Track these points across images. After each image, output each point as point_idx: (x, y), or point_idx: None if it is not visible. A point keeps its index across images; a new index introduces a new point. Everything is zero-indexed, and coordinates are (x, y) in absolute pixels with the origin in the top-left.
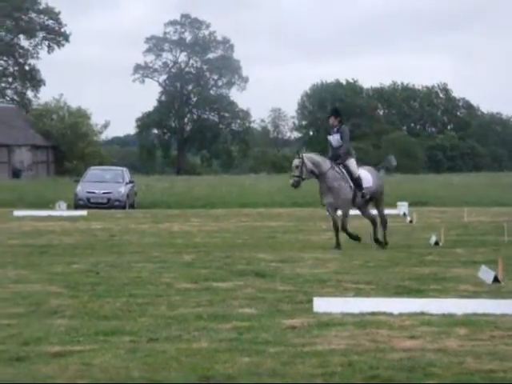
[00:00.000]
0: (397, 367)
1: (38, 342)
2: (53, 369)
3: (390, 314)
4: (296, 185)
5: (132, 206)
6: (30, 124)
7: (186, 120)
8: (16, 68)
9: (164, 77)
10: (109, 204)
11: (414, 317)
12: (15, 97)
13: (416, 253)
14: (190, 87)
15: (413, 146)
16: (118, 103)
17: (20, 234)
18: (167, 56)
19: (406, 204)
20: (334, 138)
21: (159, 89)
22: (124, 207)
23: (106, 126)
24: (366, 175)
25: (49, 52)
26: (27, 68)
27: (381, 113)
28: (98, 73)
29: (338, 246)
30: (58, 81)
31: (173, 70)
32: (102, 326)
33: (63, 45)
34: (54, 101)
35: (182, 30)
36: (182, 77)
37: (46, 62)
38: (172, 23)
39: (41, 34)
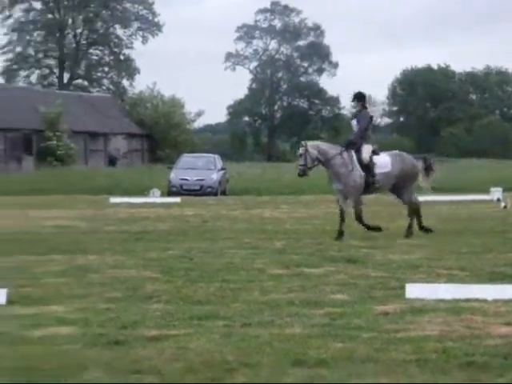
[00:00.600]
0: (492, 353)
1: (135, 326)
2: (150, 352)
3: (485, 301)
4: (301, 173)
5: (224, 193)
6: (125, 113)
7: (276, 107)
8: (111, 57)
9: (254, 64)
10: (201, 191)
11: (510, 303)
12: (111, 86)
13: (511, 238)
14: (280, 74)
15: (506, 131)
16: (210, 91)
17: (116, 220)
18: (258, 43)
19: (500, 189)
20: (354, 123)
21: (250, 76)
22: (216, 194)
23: (199, 114)
24: (385, 160)
25: (143, 42)
26: (122, 57)
27: (473, 97)
28: (191, 61)
29: (339, 235)
30: (151, 70)
31: (263, 58)
32: (197, 311)
33: (157, 34)
34: (148, 90)
35: (272, 17)
36: (273, 64)
37: (140, 51)
38: (262, 11)
39: (135, 24)
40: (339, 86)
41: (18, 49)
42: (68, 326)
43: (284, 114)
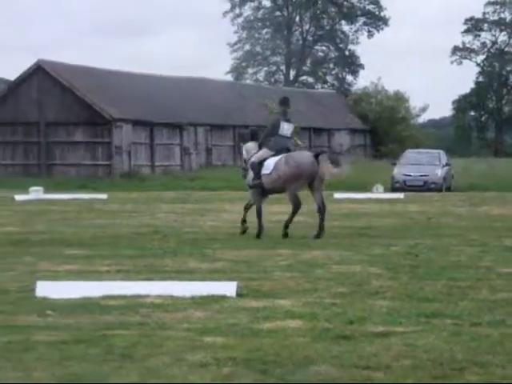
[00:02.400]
0: None
1: (362, 322)
2: (377, 348)
3: None
4: (243, 177)
5: (448, 189)
6: (349, 108)
7: (504, 101)
8: (336, 53)
9: (482, 57)
10: (425, 187)
11: None
12: (335, 82)
13: None
14: (509, 67)
15: None
16: (434, 85)
17: (340, 215)
18: (486, 36)
19: None
20: None
21: (476, 70)
22: (440, 190)
23: (424, 109)
24: (268, 163)
25: (368, 37)
26: (347, 53)
27: None
28: (415, 55)
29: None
30: (376, 65)
31: (491, 51)
32: (424, 308)
33: (382, 29)
34: (372, 85)
35: (502, 9)
36: (501, 57)
37: (364, 46)
38: (491, 3)
39: (361, 20)
40: None
41: (247, 47)
42: (296, 319)
43: None
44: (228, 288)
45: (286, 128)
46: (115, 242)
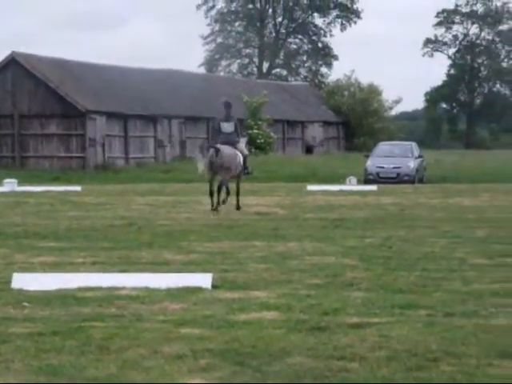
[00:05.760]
0: None
1: (337, 313)
2: (352, 339)
3: None
4: None
5: (421, 181)
6: (322, 100)
7: (475, 94)
8: (310, 46)
9: (453, 50)
10: (398, 179)
11: None
12: (308, 75)
13: None
14: (480, 60)
15: None
16: (407, 78)
17: (314, 207)
18: (458, 29)
19: None
20: None
21: (448, 62)
22: (413, 182)
23: (397, 101)
24: None
25: (341, 30)
26: (320, 45)
27: None
28: (387, 48)
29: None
30: (349, 57)
31: (463, 43)
32: (398, 300)
33: (355, 22)
34: (346, 77)
35: (474, 1)
36: (473, 50)
37: (337, 39)
38: None
39: (334, 12)
40: None
41: (220, 39)
42: (271, 311)
43: (483, 100)
44: (203, 280)
45: (225, 126)
46: (90, 234)
